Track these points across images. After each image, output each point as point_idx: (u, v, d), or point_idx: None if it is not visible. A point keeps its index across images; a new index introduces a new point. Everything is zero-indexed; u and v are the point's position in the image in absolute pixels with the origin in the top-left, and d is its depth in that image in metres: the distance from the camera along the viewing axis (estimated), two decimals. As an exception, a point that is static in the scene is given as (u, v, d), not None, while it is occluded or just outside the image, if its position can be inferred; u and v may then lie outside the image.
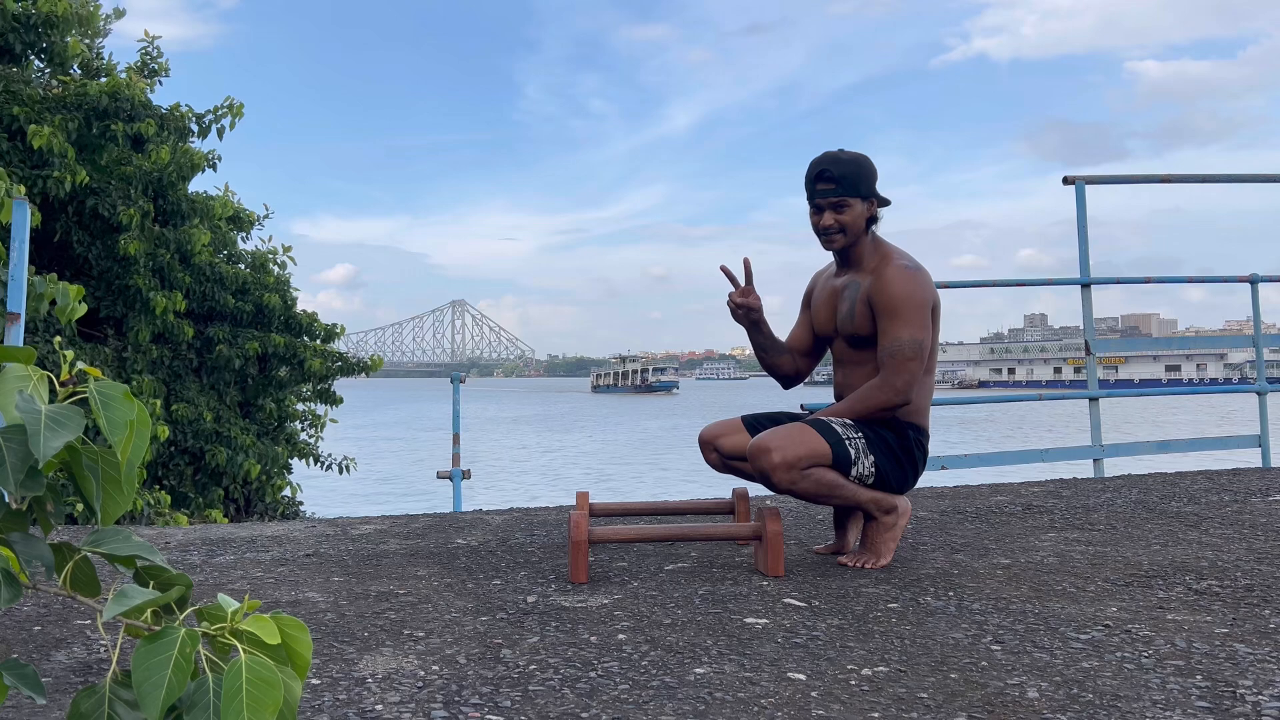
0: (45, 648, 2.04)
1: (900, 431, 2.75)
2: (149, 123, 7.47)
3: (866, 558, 2.73)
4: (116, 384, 0.81)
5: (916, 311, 2.65)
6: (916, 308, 2.65)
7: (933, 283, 2.75)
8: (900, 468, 2.74)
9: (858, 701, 1.67)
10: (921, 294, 2.67)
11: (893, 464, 2.73)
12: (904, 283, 2.67)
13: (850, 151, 2.81)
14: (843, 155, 2.78)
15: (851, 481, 2.69)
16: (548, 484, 21.93)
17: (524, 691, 1.74)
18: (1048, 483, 4.50)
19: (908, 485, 2.80)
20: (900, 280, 2.67)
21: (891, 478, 2.73)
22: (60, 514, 0.84)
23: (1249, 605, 2.25)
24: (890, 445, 2.73)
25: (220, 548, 3.24)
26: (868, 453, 2.69)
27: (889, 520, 2.73)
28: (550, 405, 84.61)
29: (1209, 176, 6.67)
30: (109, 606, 0.74)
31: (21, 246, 3.76)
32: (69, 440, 0.75)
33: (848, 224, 2.76)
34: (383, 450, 30.70)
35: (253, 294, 8.80)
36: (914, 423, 2.78)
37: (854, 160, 2.77)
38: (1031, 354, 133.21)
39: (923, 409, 2.80)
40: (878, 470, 2.70)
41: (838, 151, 2.79)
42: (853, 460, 2.68)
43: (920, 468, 2.81)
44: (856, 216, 2.75)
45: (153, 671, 0.72)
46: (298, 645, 0.80)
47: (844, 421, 2.72)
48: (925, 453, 2.81)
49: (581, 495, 3.34)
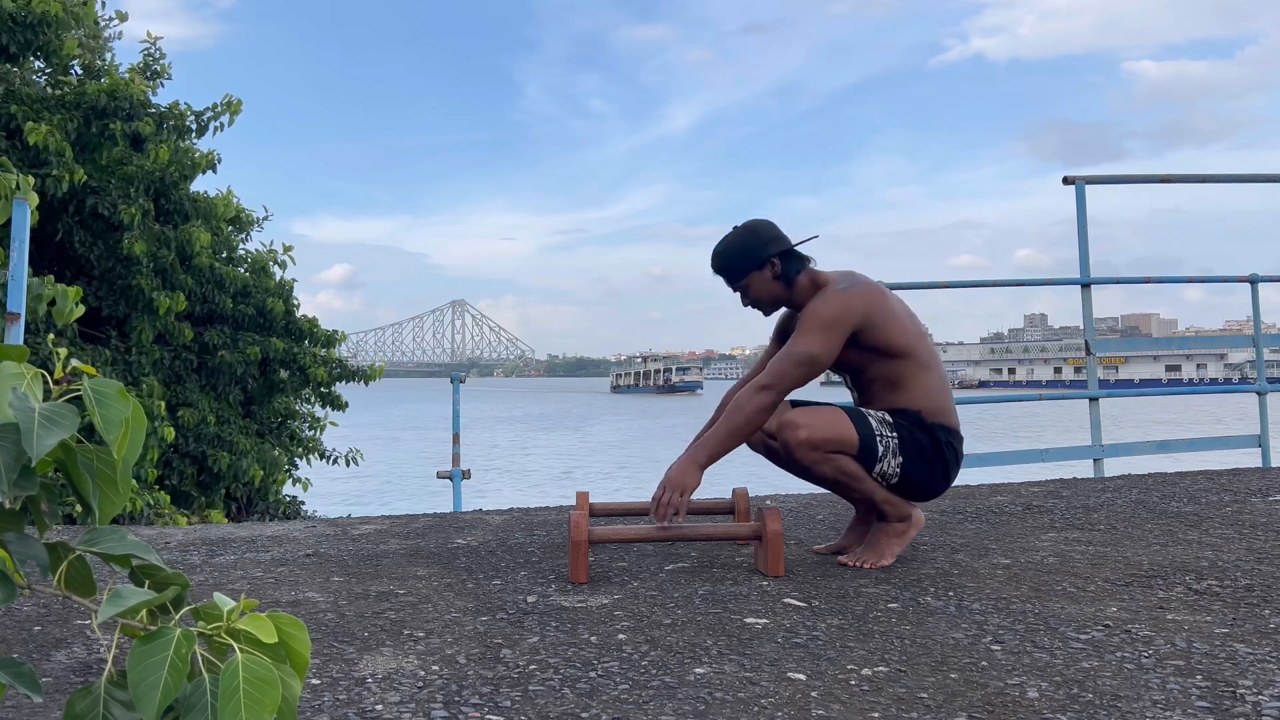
0: (45, 648, 2.04)
1: (930, 434, 2.74)
2: (147, 121, 7.46)
3: (867, 557, 2.72)
4: (111, 381, 0.80)
5: (817, 325, 2.67)
6: (819, 322, 2.67)
7: (866, 298, 2.72)
8: (931, 470, 2.74)
9: (858, 701, 1.67)
10: (830, 310, 2.68)
11: (923, 467, 2.72)
12: (817, 301, 2.72)
13: (727, 236, 2.87)
14: (719, 249, 2.86)
15: (874, 477, 2.70)
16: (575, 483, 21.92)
17: (524, 691, 1.74)
18: (1048, 483, 4.49)
19: (938, 489, 2.80)
20: (815, 300, 2.73)
21: (920, 481, 2.74)
22: (56, 513, 0.83)
23: (1249, 605, 2.24)
24: (923, 448, 2.72)
25: (220, 548, 3.24)
26: (897, 454, 2.69)
27: (900, 526, 2.74)
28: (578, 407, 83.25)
29: (1209, 176, 6.67)
30: (104, 607, 0.74)
31: (21, 246, 3.76)
32: (63, 438, 0.75)
33: (760, 297, 2.87)
34: (385, 450, 30.71)
35: (254, 297, 8.80)
36: (942, 423, 2.77)
37: (727, 250, 2.85)
38: (1032, 354, 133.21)
39: (946, 409, 2.79)
40: (903, 473, 2.71)
41: (718, 245, 2.87)
42: (879, 456, 2.68)
43: (953, 472, 2.80)
44: (761, 288, 2.84)
45: (148, 672, 0.72)
46: (296, 644, 0.79)
47: (881, 417, 2.72)
48: (959, 455, 2.80)
49: (581, 495, 3.34)
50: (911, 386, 2.76)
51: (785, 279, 2.82)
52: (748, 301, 2.88)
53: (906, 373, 2.76)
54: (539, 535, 3.35)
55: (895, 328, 2.74)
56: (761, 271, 2.81)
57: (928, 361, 2.78)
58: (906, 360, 2.75)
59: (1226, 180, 6.67)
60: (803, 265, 2.83)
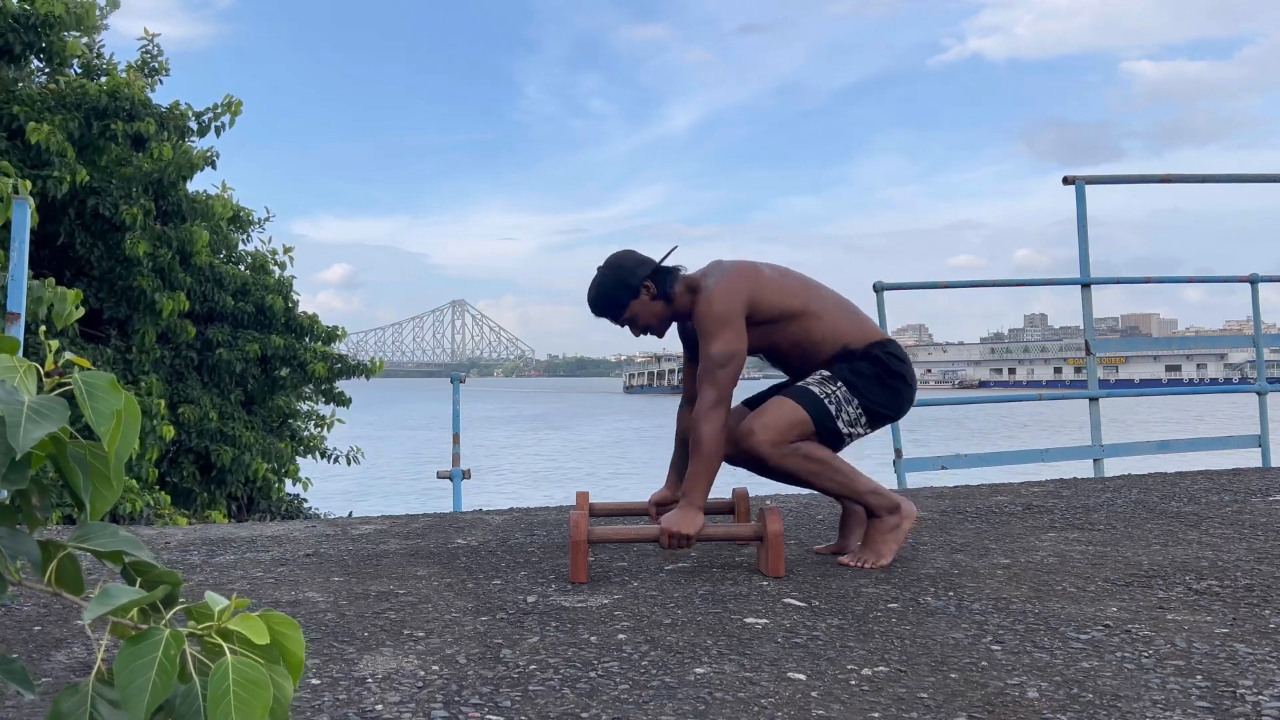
0: (45, 648, 2.03)
1: (867, 358, 2.82)
2: (149, 121, 7.45)
3: (866, 557, 2.72)
4: (103, 373, 0.79)
5: (716, 325, 2.73)
6: (717, 319, 2.74)
7: (743, 279, 2.79)
8: (888, 388, 2.82)
9: (858, 701, 1.67)
10: (719, 304, 2.74)
11: (880, 390, 2.80)
12: (702, 305, 2.78)
13: (595, 279, 2.93)
14: (593, 294, 2.91)
15: (845, 436, 2.78)
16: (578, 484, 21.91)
17: (524, 691, 1.73)
18: (1048, 483, 4.49)
19: (906, 399, 2.88)
20: (700, 304, 2.79)
21: (886, 403, 2.82)
22: (48, 508, 0.82)
23: (1249, 605, 2.24)
24: (869, 375, 2.80)
25: (220, 548, 3.24)
26: (850, 398, 2.77)
27: (892, 520, 2.74)
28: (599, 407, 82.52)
29: (1209, 176, 6.67)
30: (92, 606, 0.73)
31: (21, 246, 3.75)
32: (51, 431, 0.74)
33: (649, 322, 2.92)
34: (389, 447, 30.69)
35: (253, 295, 8.79)
36: (871, 343, 2.85)
37: (601, 290, 2.89)
38: (1032, 354, 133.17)
39: (864, 329, 2.89)
40: (867, 409, 2.79)
41: (590, 291, 2.93)
42: (835, 414, 2.75)
43: (909, 376, 2.87)
44: (645, 313, 2.90)
45: (136, 674, 0.71)
46: (289, 644, 0.79)
47: (819, 378, 2.80)
48: (903, 358, 2.88)
49: (581, 495, 3.33)
50: (823, 334, 2.84)
51: (664, 296, 2.88)
52: (639, 330, 2.94)
53: (811, 325, 2.84)
54: (539, 535, 3.34)
55: (778, 292, 2.82)
56: (640, 298, 2.88)
57: (823, 308, 2.85)
58: (805, 315, 2.83)
59: (1226, 180, 6.66)
60: (675, 277, 2.90)
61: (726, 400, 2.72)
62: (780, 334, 2.85)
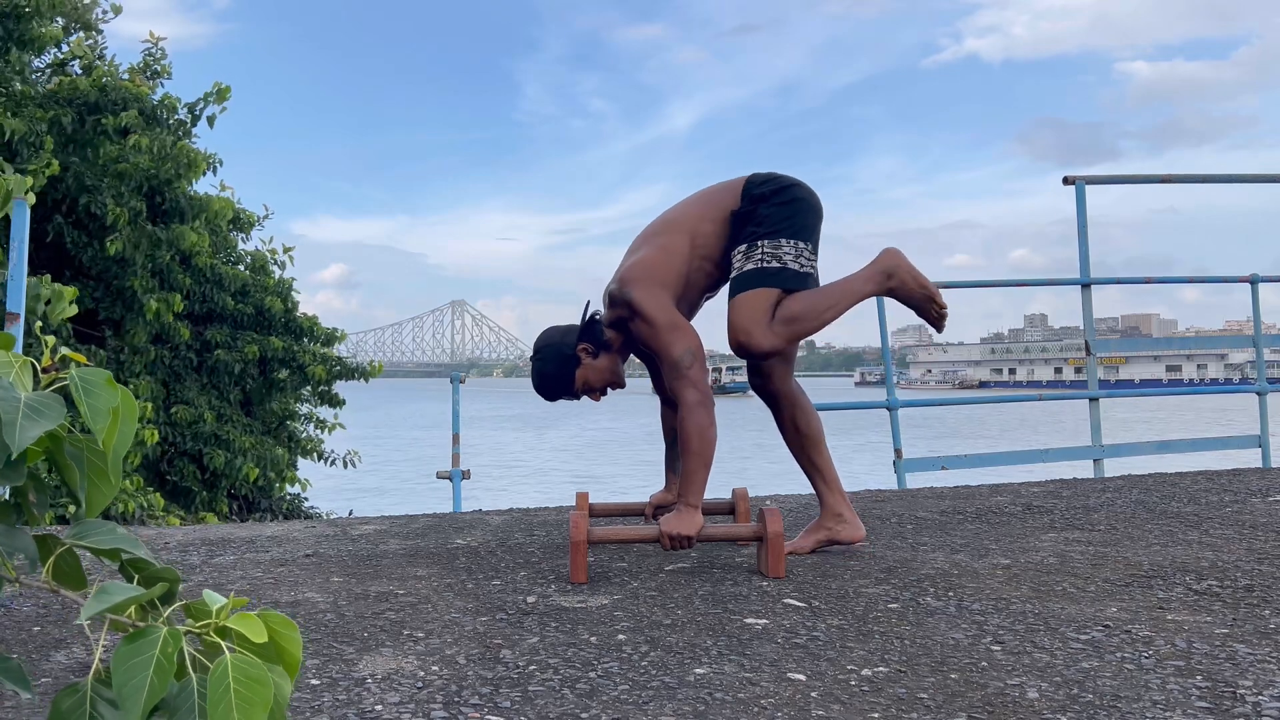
0: (45, 648, 2.03)
1: (754, 201, 2.82)
2: (132, 112, 7.36)
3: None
4: (99, 370, 0.79)
5: (665, 331, 2.73)
6: (661, 325, 2.73)
7: (651, 281, 2.78)
8: (789, 206, 2.81)
9: (858, 702, 1.66)
10: (654, 312, 2.74)
11: (785, 212, 2.80)
12: (642, 326, 2.77)
13: (534, 368, 2.96)
14: (538, 383, 2.96)
15: (810, 272, 2.80)
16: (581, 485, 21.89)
17: (524, 692, 1.73)
18: (1048, 483, 4.49)
19: (816, 202, 2.90)
20: (638, 327, 2.78)
21: (801, 218, 2.82)
22: (45, 505, 0.82)
23: (1249, 605, 2.23)
24: (767, 214, 2.79)
25: (220, 548, 3.23)
26: (775, 240, 2.77)
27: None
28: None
29: (1208, 177, 6.67)
30: (89, 604, 0.73)
31: (21, 246, 3.75)
32: (48, 429, 0.74)
33: (602, 378, 2.94)
34: (387, 449, 30.68)
35: (253, 296, 8.78)
36: (742, 196, 2.84)
37: (543, 375, 2.93)
38: (1032, 354, 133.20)
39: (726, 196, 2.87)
40: (793, 234, 2.79)
41: (534, 381, 2.97)
42: (781, 265, 2.76)
43: (796, 184, 2.87)
44: (595, 373, 2.92)
45: (134, 673, 0.70)
46: (287, 643, 0.78)
47: (742, 254, 2.79)
48: (775, 176, 2.87)
49: (581, 495, 3.33)
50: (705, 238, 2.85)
51: (601, 346, 2.90)
52: (598, 392, 2.94)
53: (698, 243, 2.85)
54: (539, 535, 3.34)
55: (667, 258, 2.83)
56: (582, 364, 2.90)
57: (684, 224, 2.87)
58: (690, 243, 2.84)
59: (1225, 180, 6.67)
60: (599, 324, 2.92)
61: (707, 394, 2.73)
62: (693, 268, 2.87)
